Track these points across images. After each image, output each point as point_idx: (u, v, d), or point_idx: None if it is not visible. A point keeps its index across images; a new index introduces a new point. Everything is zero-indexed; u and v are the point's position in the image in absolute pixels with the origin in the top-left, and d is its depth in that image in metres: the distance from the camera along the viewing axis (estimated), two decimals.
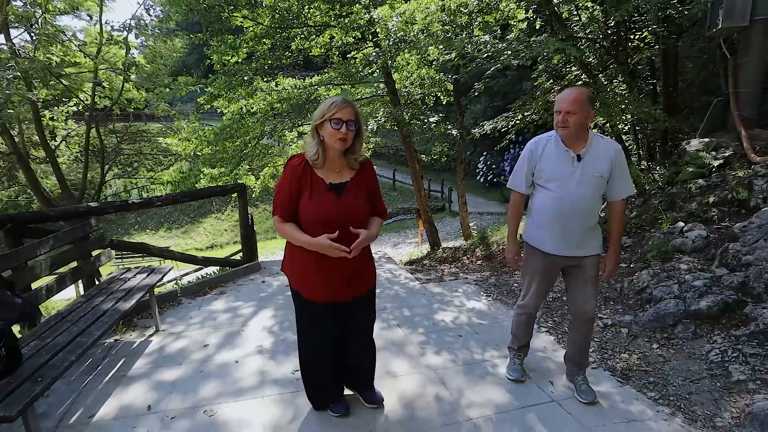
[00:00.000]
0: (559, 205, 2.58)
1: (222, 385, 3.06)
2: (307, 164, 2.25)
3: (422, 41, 6.91)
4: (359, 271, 2.40)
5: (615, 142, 2.59)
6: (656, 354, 3.31)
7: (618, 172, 2.53)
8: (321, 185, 2.24)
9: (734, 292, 3.46)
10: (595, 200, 2.56)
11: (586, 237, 2.62)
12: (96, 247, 3.88)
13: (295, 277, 2.40)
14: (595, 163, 2.50)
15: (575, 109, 2.40)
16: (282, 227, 2.26)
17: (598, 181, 2.51)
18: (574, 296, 2.77)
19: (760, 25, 5.47)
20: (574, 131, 2.46)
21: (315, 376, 2.61)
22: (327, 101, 2.19)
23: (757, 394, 2.67)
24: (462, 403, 2.82)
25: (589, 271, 2.68)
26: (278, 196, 2.26)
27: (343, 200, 2.24)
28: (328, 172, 2.27)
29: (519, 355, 3.11)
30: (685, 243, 4.42)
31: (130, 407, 2.82)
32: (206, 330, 3.95)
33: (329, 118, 2.14)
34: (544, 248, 2.70)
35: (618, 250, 2.71)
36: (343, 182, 2.29)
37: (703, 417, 2.64)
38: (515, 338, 3.10)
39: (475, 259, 6.65)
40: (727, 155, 5.43)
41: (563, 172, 2.55)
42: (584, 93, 2.45)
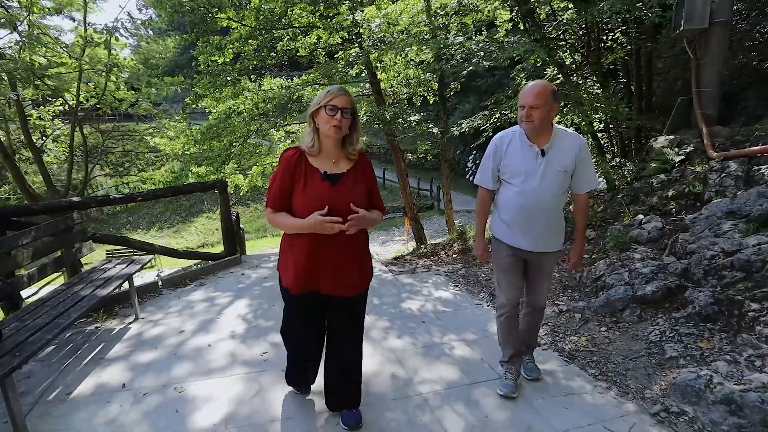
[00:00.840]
0: (523, 200, 2.58)
1: (194, 366, 3.26)
2: (302, 155, 2.22)
3: (399, 42, 7.11)
4: (354, 260, 2.33)
5: (579, 136, 2.58)
6: (603, 336, 3.54)
7: (581, 166, 2.53)
8: (316, 175, 2.20)
9: (677, 278, 3.69)
10: (558, 195, 2.58)
11: (550, 233, 2.64)
12: (78, 239, 4.07)
13: (289, 270, 2.30)
14: (559, 157, 2.51)
15: (539, 103, 2.40)
16: (273, 217, 2.24)
17: (562, 175, 2.52)
18: (531, 289, 2.86)
19: (719, 27, 5.73)
20: (539, 125, 2.46)
21: (299, 355, 2.64)
22: (324, 89, 2.19)
23: (684, 368, 2.90)
24: (415, 380, 3.03)
25: (547, 267, 2.76)
26: (271, 188, 2.25)
27: (339, 189, 2.20)
28: (324, 162, 2.23)
29: (511, 369, 2.91)
30: (642, 234, 4.65)
31: (105, 385, 3.02)
32: (183, 318, 4.15)
33: (325, 104, 2.12)
34: (511, 242, 2.70)
35: (582, 242, 2.75)
36: (340, 172, 2.24)
37: (635, 390, 2.87)
38: (503, 347, 2.96)
39: (451, 254, 6.87)
40: (689, 151, 5.67)
41: (527, 167, 2.54)
42: (547, 87, 2.44)
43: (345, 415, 2.55)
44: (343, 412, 2.56)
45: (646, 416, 2.60)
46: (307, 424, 2.56)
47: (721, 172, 4.83)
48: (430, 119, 14.06)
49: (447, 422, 2.58)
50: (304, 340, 2.54)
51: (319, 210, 2.11)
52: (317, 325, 2.51)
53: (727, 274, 3.36)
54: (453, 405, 2.74)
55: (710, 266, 3.52)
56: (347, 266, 2.29)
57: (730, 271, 3.36)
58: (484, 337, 3.65)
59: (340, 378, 2.55)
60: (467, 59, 6.53)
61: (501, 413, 2.65)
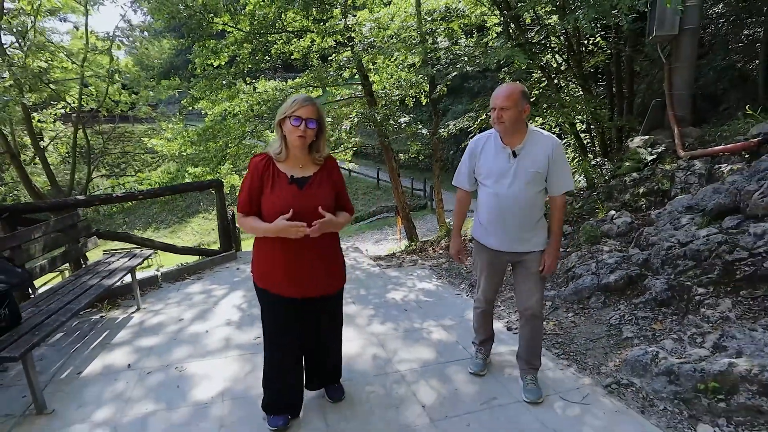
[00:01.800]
0: (496, 201, 2.61)
1: (192, 349, 3.56)
2: (269, 160, 2.29)
3: (387, 47, 7.41)
4: (327, 265, 2.42)
5: (553, 138, 2.57)
6: (569, 321, 3.86)
7: (555, 168, 2.52)
8: (283, 179, 2.27)
9: (638, 268, 4.01)
10: (532, 196, 2.56)
11: (527, 233, 2.63)
12: (83, 234, 4.36)
13: (261, 273, 2.38)
14: (531, 158, 2.52)
15: (509, 104, 2.42)
16: (243, 221, 2.29)
17: (534, 176, 2.52)
18: (518, 292, 2.82)
19: (689, 33, 6.07)
20: (510, 126, 2.48)
21: (280, 377, 2.54)
22: (291, 98, 2.23)
23: (637, 346, 3.21)
24: (394, 360, 3.34)
25: (531, 267, 2.69)
26: (241, 193, 2.31)
27: (305, 192, 2.26)
28: (292, 167, 2.30)
29: (480, 350, 3.15)
30: (612, 228, 4.97)
31: (112, 366, 3.31)
32: (182, 308, 4.44)
33: (290, 114, 2.18)
34: (488, 244, 2.76)
35: (557, 245, 2.69)
36: (306, 176, 2.32)
37: (592, 366, 3.18)
38: (476, 332, 3.16)
39: (438, 249, 7.18)
40: (660, 151, 5.99)
41: (499, 168, 2.58)
42: (517, 88, 2.46)
43: (329, 389, 2.81)
44: (327, 387, 2.82)
45: (599, 388, 2.91)
46: None
47: (687, 170, 5.15)
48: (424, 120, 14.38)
49: (421, 394, 2.88)
50: (286, 344, 2.48)
51: (285, 214, 2.17)
52: (299, 329, 2.49)
53: (680, 263, 3.68)
54: (427, 380, 3.05)
55: (667, 256, 3.84)
56: (322, 267, 2.39)
57: (683, 260, 3.67)
58: (460, 322, 3.95)
59: (328, 375, 2.80)
60: (453, 64, 6.84)
61: (470, 386, 2.96)
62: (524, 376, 2.90)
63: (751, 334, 2.76)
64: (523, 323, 2.87)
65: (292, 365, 2.55)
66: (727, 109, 10.36)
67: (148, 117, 12.21)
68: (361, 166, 24.09)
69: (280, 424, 2.53)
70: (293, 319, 2.44)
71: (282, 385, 2.56)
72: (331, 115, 10.83)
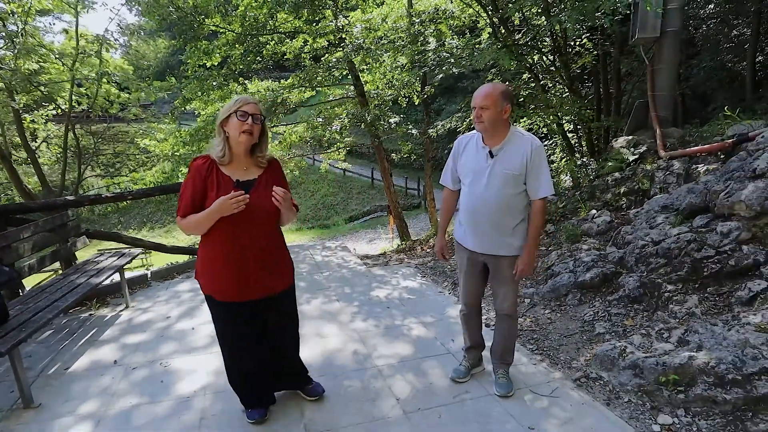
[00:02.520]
0: (469, 201, 2.63)
1: (178, 345, 3.66)
2: (212, 164, 2.23)
3: (375, 49, 7.51)
4: (272, 263, 2.42)
5: (533, 140, 2.50)
6: (546, 317, 3.97)
7: (533, 171, 2.48)
8: (227, 182, 2.23)
9: (613, 265, 4.13)
10: (507, 198, 2.52)
11: (502, 236, 2.60)
12: (72, 234, 4.44)
13: (207, 278, 2.35)
14: (508, 159, 2.49)
15: (488, 104, 2.40)
16: (183, 222, 2.23)
17: (510, 178, 2.49)
18: (493, 293, 2.86)
19: (670, 36, 6.18)
20: (489, 126, 2.46)
21: (244, 377, 2.58)
22: (233, 98, 2.24)
23: (607, 342, 3.32)
24: (374, 355, 3.44)
25: (504, 271, 2.68)
26: (183, 197, 2.22)
27: (253, 196, 2.20)
28: (235, 170, 2.27)
29: (465, 357, 3.11)
30: (592, 227, 5.09)
31: (99, 362, 3.41)
32: (170, 305, 4.54)
33: (236, 110, 2.17)
34: (465, 244, 2.76)
35: (532, 249, 2.62)
36: (251, 179, 2.30)
37: (563, 361, 3.29)
38: (464, 338, 3.13)
39: (426, 248, 7.29)
40: (642, 151, 6.11)
41: (476, 168, 2.57)
42: (498, 88, 2.44)
43: (304, 389, 2.83)
44: (302, 387, 2.84)
45: (569, 381, 3.02)
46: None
47: (666, 170, 5.26)
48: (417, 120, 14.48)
49: (396, 388, 2.98)
50: (244, 347, 2.49)
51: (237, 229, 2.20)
52: (253, 333, 2.49)
53: (652, 261, 3.80)
54: (403, 374, 3.15)
55: (641, 254, 3.95)
56: (267, 267, 2.37)
57: (655, 258, 3.79)
58: (440, 319, 4.06)
59: (294, 377, 2.81)
60: (439, 66, 6.94)
61: (444, 380, 3.06)
62: (496, 371, 2.97)
63: (713, 329, 2.87)
64: (498, 321, 2.93)
65: (253, 369, 2.55)
66: (716, 108, 10.51)
67: (138, 117, 12.26)
68: (356, 166, 24.17)
69: (256, 417, 2.61)
70: (244, 323, 2.42)
71: (250, 387, 2.61)
72: (323, 116, 10.93)
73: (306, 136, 10.77)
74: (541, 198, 2.54)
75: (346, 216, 22.32)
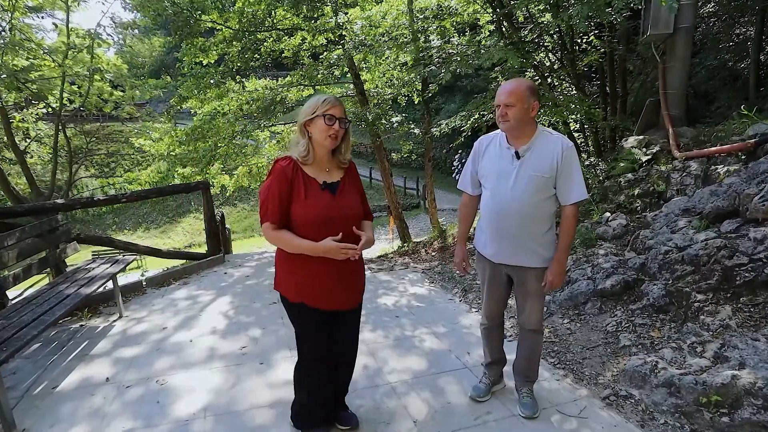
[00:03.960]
0: (492, 205, 2.42)
1: (175, 360, 3.42)
2: (296, 165, 2.11)
3: (377, 46, 7.29)
4: (361, 275, 2.35)
5: (565, 140, 2.32)
6: (565, 328, 3.75)
7: (564, 173, 2.28)
8: (314, 185, 2.11)
9: (635, 272, 3.91)
10: (535, 203, 2.32)
11: (528, 245, 2.39)
12: (62, 240, 4.20)
13: (299, 289, 2.17)
14: (537, 161, 2.30)
15: (513, 100, 2.23)
16: (277, 235, 2.08)
17: (538, 181, 2.29)
18: (518, 307, 2.65)
19: (683, 32, 5.98)
20: (515, 125, 2.27)
21: (321, 395, 2.41)
22: (317, 98, 2.09)
23: (635, 355, 3.11)
24: (385, 370, 3.22)
25: (530, 285, 2.48)
26: (268, 202, 2.07)
27: (339, 199, 2.14)
28: (319, 172, 2.15)
29: (485, 373, 2.90)
30: (607, 231, 4.88)
31: (90, 379, 3.16)
32: (166, 315, 4.30)
33: (323, 113, 2.04)
34: (486, 254, 2.56)
35: (562, 260, 2.41)
36: (336, 181, 2.18)
37: (589, 376, 3.08)
38: (484, 353, 2.92)
39: (431, 251, 7.07)
40: (655, 151, 5.91)
41: (500, 170, 2.38)
42: (523, 83, 2.27)
43: (343, 416, 2.57)
44: (339, 414, 2.58)
45: (597, 400, 2.81)
46: (285, 413, 2.69)
47: (683, 171, 5.06)
48: (417, 119, 14.25)
49: (411, 408, 2.76)
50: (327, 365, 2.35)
51: (319, 223, 2.06)
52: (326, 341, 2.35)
53: (678, 268, 3.59)
54: (419, 392, 2.93)
55: (664, 261, 3.74)
56: (357, 278, 2.31)
57: (681, 265, 3.58)
58: (453, 330, 3.84)
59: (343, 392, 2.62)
60: (444, 64, 6.71)
61: (462, 399, 2.84)
62: (520, 389, 2.77)
63: (754, 344, 2.67)
64: (522, 336, 2.71)
65: (330, 385, 2.43)
66: (719, 108, 10.33)
67: (131, 116, 11.97)
68: None
69: None
70: (328, 335, 2.31)
71: (324, 410, 2.48)
72: None
73: None
74: (573, 203, 2.34)
75: None
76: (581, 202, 2.39)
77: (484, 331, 2.84)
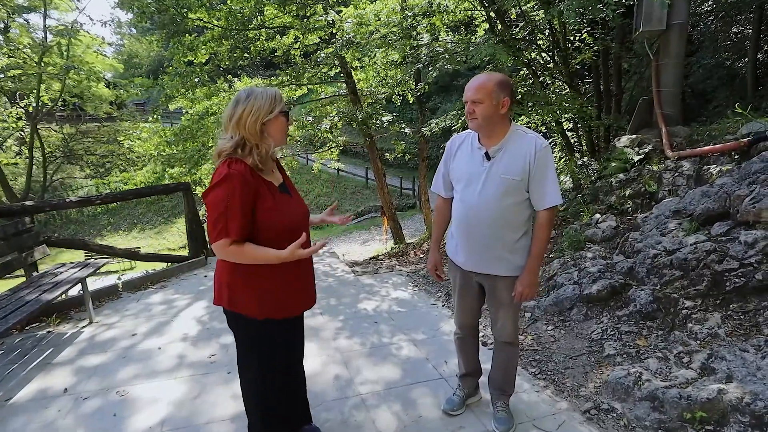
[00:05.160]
0: (461, 210, 2.27)
1: (140, 369, 3.27)
2: (251, 168, 1.85)
3: (366, 44, 7.14)
4: (312, 271, 2.19)
5: (538, 140, 2.13)
6: (549, 335, 3.60)
7: (537, 176, 2.10)
8: (274, 188, 1.92)
9: (622, 277, 3.76)
10: (505, 207, 2.14)
11: (498, 253, 2.21)
12: (29, 243, 4.05)
13: (263, 302, 1.93)
14: (507, 162, 2.12)
15: (480, 96, 2.05)
16: (238, 251, 1.79)
17: (508, 184, 2.11)
18: (491, 318, 2.47)
19: (677, 29, 5.83)
20: (484, 123, 2.10)
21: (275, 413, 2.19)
22: (268, 93, 1.86)
23: (619, 366, 2.96)
24: (357, 380, 3.06)
25: (502, 295, 2.31)
26: (228, 215, 1.75)
27: (296, 200, 2.02)
28: (268, 174, 1.94)
29: (459, 386, 2.74)
30: (596, 233, 4.72)
31: (47, 390, 3.01)
32: (139, 320, 4.15)
33: (282, 109, 1.88)
34: (457, 261, 2.40)
35: (535, 269, 2.22)
36: (283, 182, 2.02)
37: (570, 388, 2.92)
38: (458, 364, 2.76)
39: (419, 253, 6.92)
40: (648, 150, 5.75)
41: (470, 172, 2.21)
42: (493, 78, 2.08)
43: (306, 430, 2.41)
44: (304, 428, 2.41)
45: (577, 413, 2.65)
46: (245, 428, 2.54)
47: (675, 171, 4.92)
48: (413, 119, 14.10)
49: (380, 422, 2.61)
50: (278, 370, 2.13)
51: (289, 229, 1.89)
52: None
53: (666, 273, 3.44)
54: (390, 405, 2.78)
55: (653, 265, 3.59)
56: (310, 271, 2.15)
57: (669, 270, 3.43)
58: (433, 337, 3.69)
59: (304, 408, 2.44)
60: (433, 62, 6.57)
61: (435, 412, 2.69)
62: (495, 403, 2.60)
63: (743, 355, 2.52)
64: (497, 348, 2.55)
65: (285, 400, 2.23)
66: (717, 107, 10.19)
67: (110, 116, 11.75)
68: (349, 165, 23.81)
69: None
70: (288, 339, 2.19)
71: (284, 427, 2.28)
72: (314, 114, 10.54)
73: (296, 136, 10.39)
74: (547, 208, 2.15)
75: None
76: (559, 206, 2.22)
77: (457, 341, 2.67)
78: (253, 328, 1.97)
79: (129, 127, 11.81)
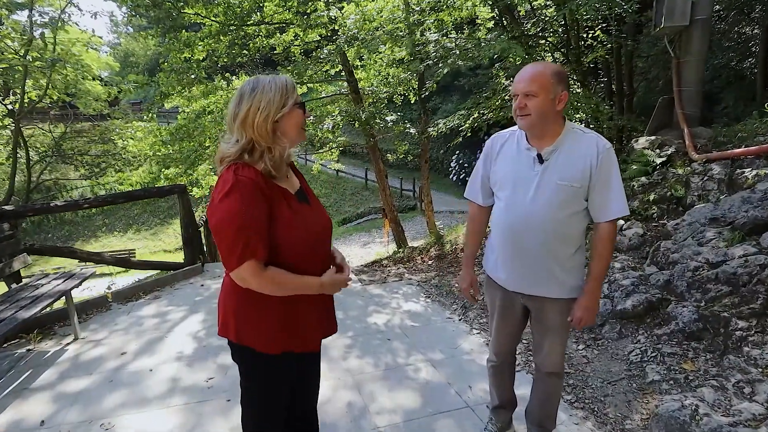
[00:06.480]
0: (507, 220, 1.96)
1: (129, 395, 2.92)
2: (262, 176, 1.53)
3: (371, 41, 6.82)
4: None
5: (601, 139, 1.85)
6: (581, 355, 3.28)
7: (600, 182, 1.81)
8: (290, 196, 1.60)
9: (659, 291, 3.45)
10: (561, 219, 1.85)
11: (550, 271, 1.92)
12: (7, 252, 3.69)
13: (279, 334, 1.60)
14: (564, 166, 1.84)
15: (535, 89, 1.76)
16: (271, 277, 1.49)
17: (565, 191, 1.82)
18: (535, 345, 2.18)
19: (700, 24, 5.53)
20: (537, 121, 1.80)
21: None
22: (277, 82, 1.53)
23: (668, 394, 2.64)
24: (372, 409, 2.73)
25: (551, 319, 2.02)
26: (248, 231, 1.43)
27: (316, 208, 1.70)
28: (282, 179, 1.62)
29: (492, 419, 2.44)
30: (622, 241, 4.41)
31: (21, 422, 2.66)
32: (129, 337, 3.80)
33: (297, 101, 1.56)
34: (498, 280, 2.09)
35: (595, 291, 1.93)
36: (300, 188, 1.71)
37: (614, 420, 2.60)
38: (490, 394, 2.44)
39: (427, 259, 6.60)
40: (670, 153, 5.45)
41: (518, 176, 1.92)
42: (549, 67, 1.80)
43: None
44: None
45: None
46: None
47: (704, 175, 4.61)
48: (413, 119, 13.78)
49: None
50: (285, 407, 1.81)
51: (320, 257, 1.64)
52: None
53: (711, 288, 3.12)
54: None
55: (694, 278, 3.28)
56: (332, 299, 1.82)
57: (714, 285, 3.11)
58: (452, 356, 3.36)
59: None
60: (442, 59, 6.24)
61: None
62: None
63: None
64: (538, 378, 2.23)
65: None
66: (726, 108, 9.94)
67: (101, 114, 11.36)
68: (349, 166, 23.46)
69: None
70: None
71: None
72: (314, 114, 10.20)
73: None
74: (610, 220, 1.86)
75: (339, 218, 21.54)
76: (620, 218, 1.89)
77: (492, 370, 2.34)
78: (263, 362, 1.63)
79: (122, 125, 11.43)
